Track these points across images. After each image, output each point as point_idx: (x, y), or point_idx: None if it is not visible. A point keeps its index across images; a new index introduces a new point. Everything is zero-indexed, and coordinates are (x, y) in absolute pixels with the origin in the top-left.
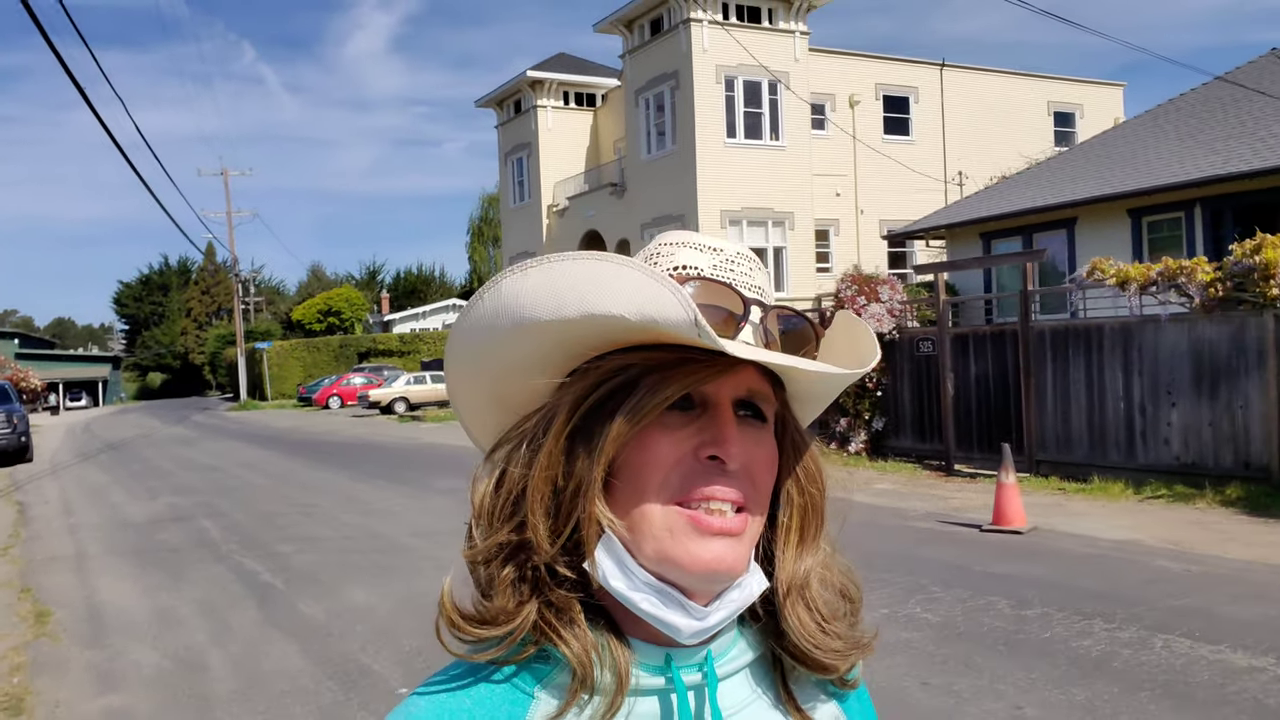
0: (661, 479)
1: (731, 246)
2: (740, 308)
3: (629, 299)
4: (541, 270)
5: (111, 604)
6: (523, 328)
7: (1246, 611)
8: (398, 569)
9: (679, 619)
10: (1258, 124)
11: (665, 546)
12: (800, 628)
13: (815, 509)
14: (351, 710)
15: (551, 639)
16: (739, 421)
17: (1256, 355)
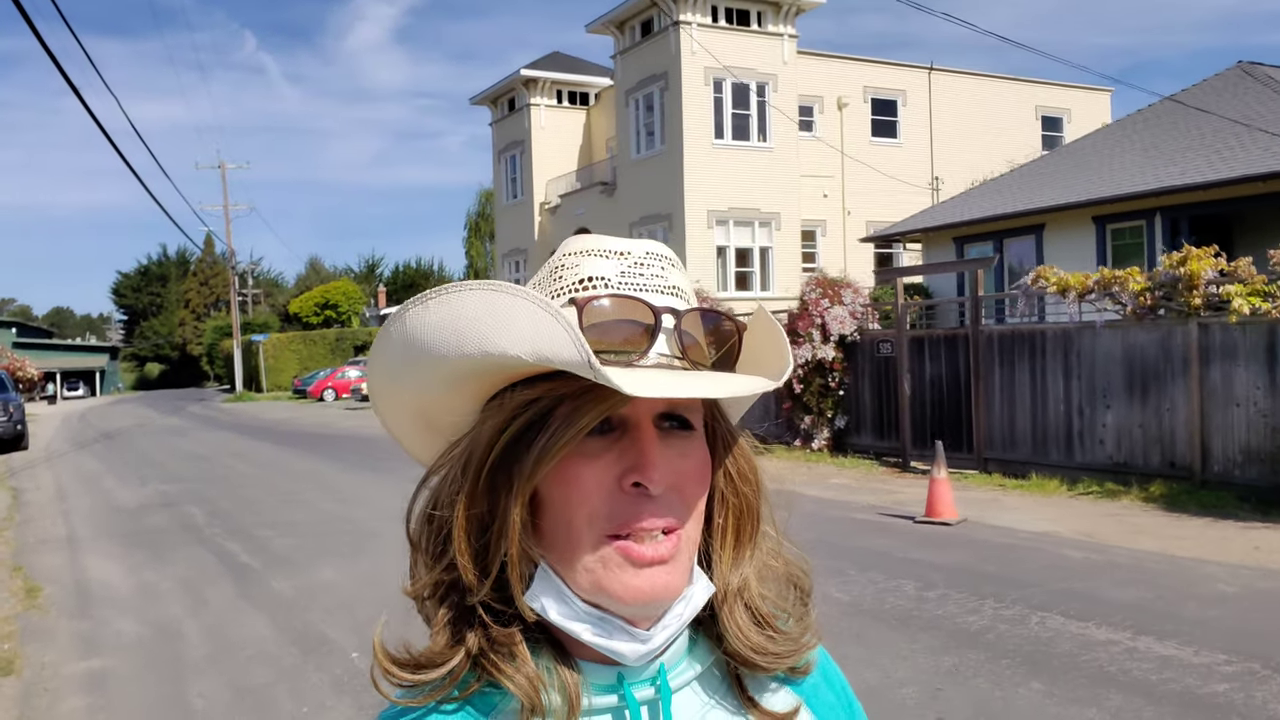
0: (588, 512)
1: (640, 246)
2: (651, 318)
3: (523, 338)
4: (441, 303)
5: (98, 581)
6: (430, 360)
7: (1124, 594)
8: (365, 550)
9: (623, 645)
10: (1216, 137)
11: (599, 579)
12: (739, 633)
13: (750, 509)
14: (308, 671)
15: (493, 673)
16: (663, 436)
17: (1182, 361)
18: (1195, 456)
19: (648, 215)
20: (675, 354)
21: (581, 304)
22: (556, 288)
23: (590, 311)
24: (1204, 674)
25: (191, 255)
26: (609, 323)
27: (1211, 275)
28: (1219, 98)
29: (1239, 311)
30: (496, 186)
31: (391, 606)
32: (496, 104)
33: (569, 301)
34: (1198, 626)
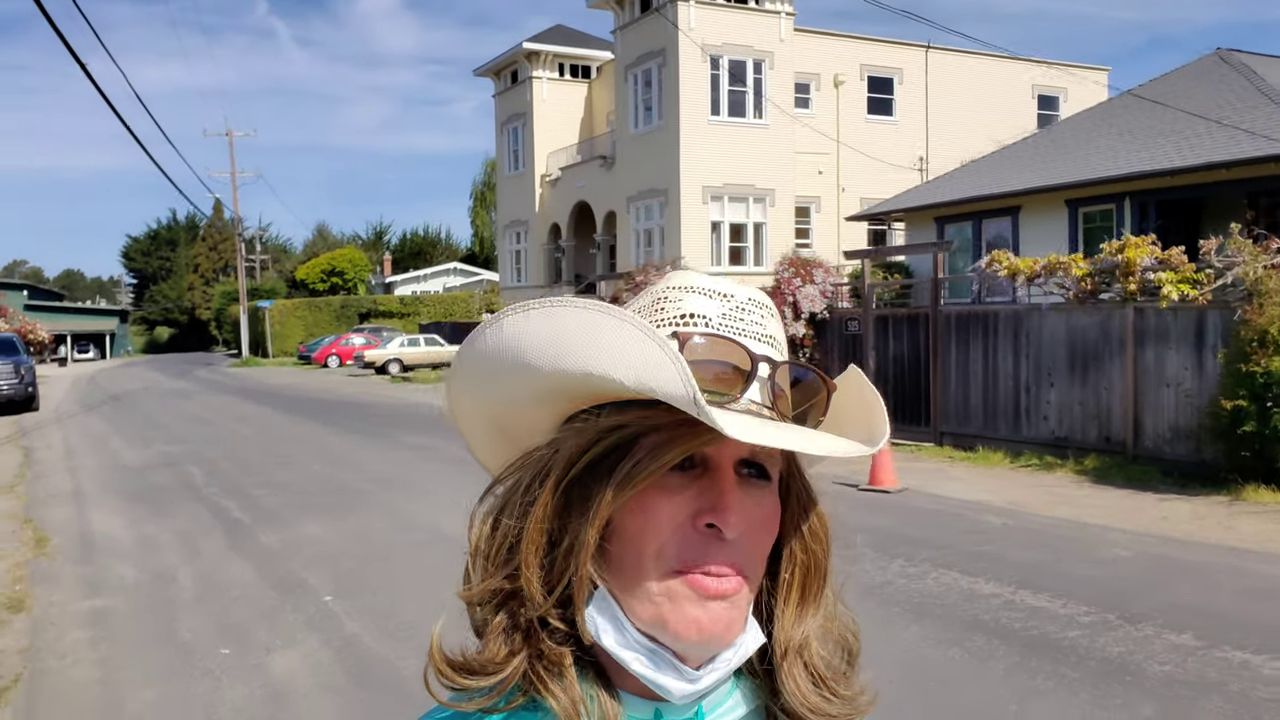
0: (658, 547)
1: (743, 292)
2: (749, 364)
3: (628, 365)
4: (544, 315)
5: (101, 533)
6: (521, 371)
7: (1025, 556)
8: (350, 509)
9: (671, 681)
10: (1186, 125)
11: (663, 612)
12: (796, 691)
13: (818, 567)
14: (285, 611)
15: (540, 690)
16: (740, 482)
17: (1119, 343)
18: (1129, 433)
19: (645, 190)
20: (765, 403)
21: (684, 339)
22: (658, 319)
23: (691, 348)
24: (1063, 622)
25: (201, 220)
26: (706, 362)
27: (1148, 263)
28: (1195, 85)
29: (1169, 298)
30: (499, 158)
31: (448, 606)
32: (499, 76)
33: (671, 334)
34: (1077, 584)
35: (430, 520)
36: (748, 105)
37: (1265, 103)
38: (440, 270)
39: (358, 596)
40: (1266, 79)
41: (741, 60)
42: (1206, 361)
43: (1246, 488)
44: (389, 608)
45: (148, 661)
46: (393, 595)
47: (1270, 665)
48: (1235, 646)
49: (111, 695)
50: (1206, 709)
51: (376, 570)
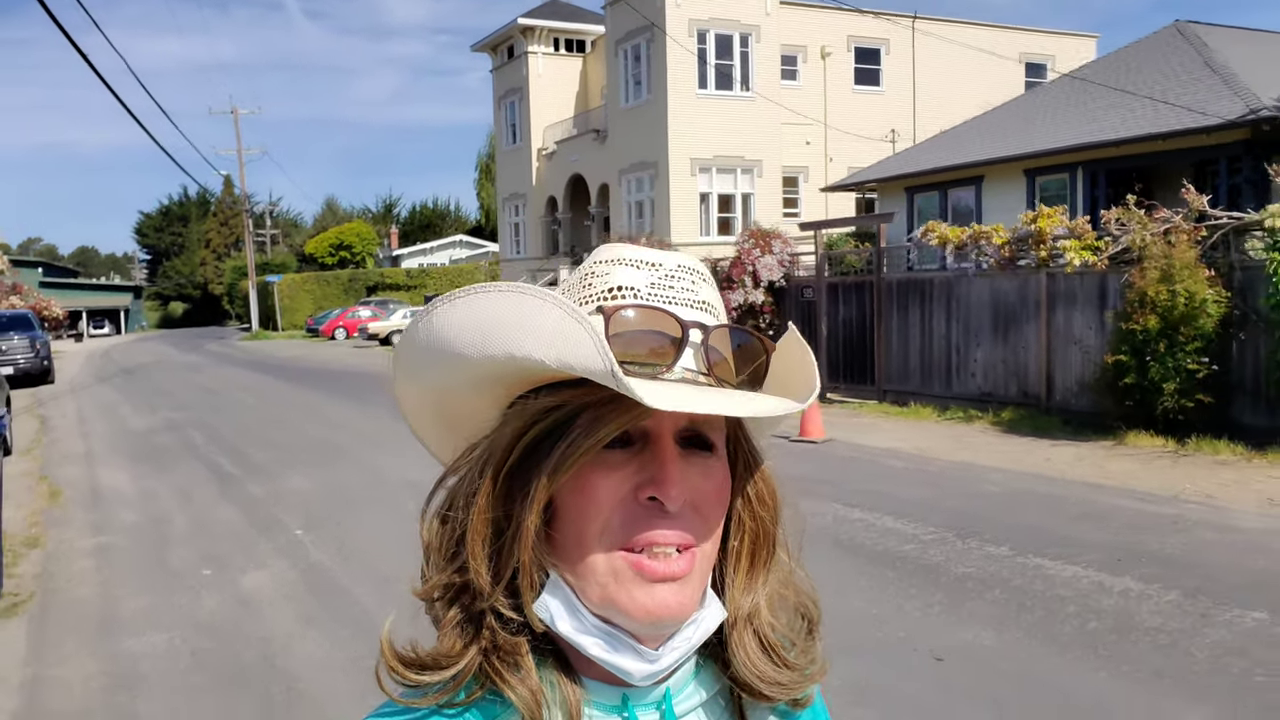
0: (602, 523)
1: (672, 259)
2: (678, 331)
3: (548, 342)
4: (468, 303)
5: (108, 486)
6: (453, 361)
7: (909, 492)
8: (332, 464)
9: (630, 663)
10: (1135, 97)
11: (610, 593)
12: (746, 660)
13: (766, 534)
14: (260, 543)
15: (496, 681)
16: (683, 454)
17: (1035, 306)
18: (1042, 387)
19: (635, 163)
20: (701, 370)
21: (609, 312)
22: (585, 295)
23: (617, 321)
24: (906, 539)
25: (212, 196)
26: (635, 333)
27: (1059, 231)
28: (1149, 58)
29: (1072, 264)
30: (497, 132)
31: (400, 604)
32: (496, 51)
33: (596, 309)
34: (937, 512)
35: (400, 472)
36: (735, 78)
37: (1209, 74)
38: (447, 243)
39: (324, 530)
40: (1217, 52)
41: (728, 34)
42: (1105, 321)
43: (1129, 434)
44: (349, 539)
45: (141, 581)
46: (355, 530)
47: (1062, 568)
48: (1039, 555)
49: (109, 605)
50: (985, 598)
51: (344, 511)
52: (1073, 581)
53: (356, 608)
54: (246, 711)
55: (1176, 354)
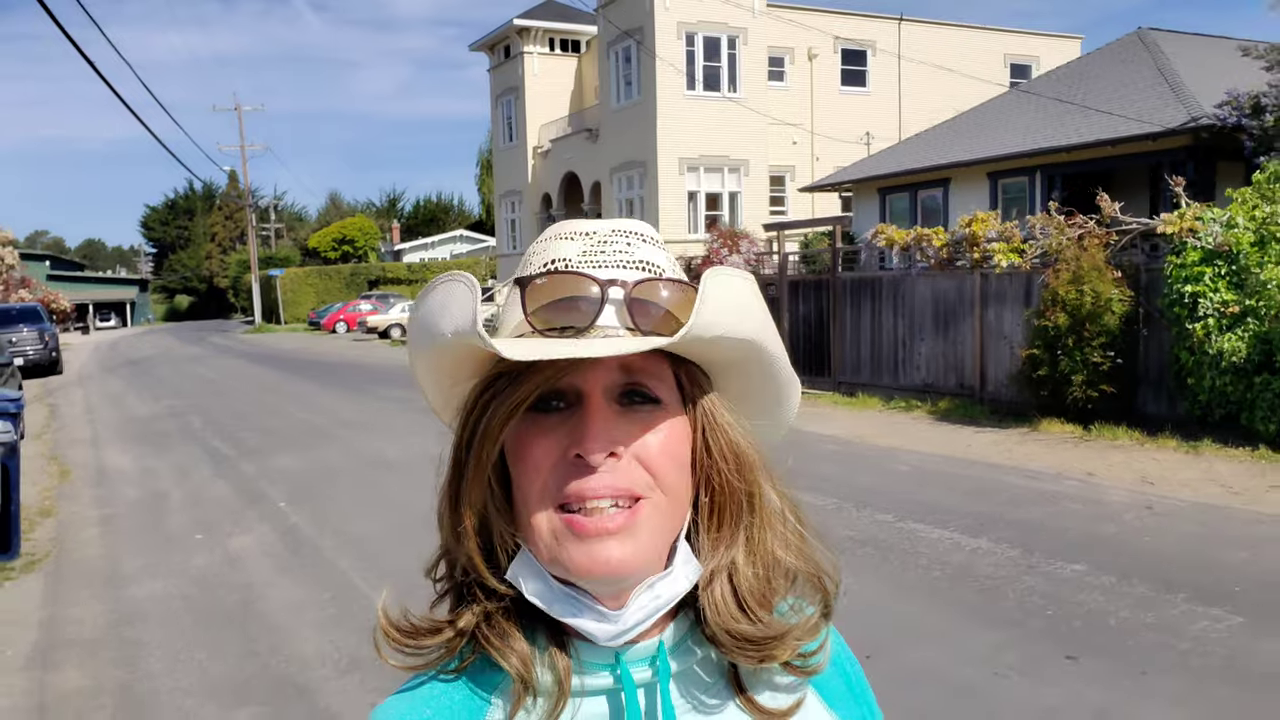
0: (541, 485)
1: (607, 225)
2: (594, 290)
3: (452, 318)
4: (421, 297)
5: (112, 466)
6: (425, 347)
7: (827, 469)
8: (318, 447)
9: (590, 624)
10: (1090, 103)
11: (555, 553)
12: (715, 613)
13: (731, 489)
14: (247, 512)
15: (486, 647)
16: (623, 410)
17: (970, 303)
18: (976, 379)
19: (626, 162)
20: (626, 325)
21: (525, 284)
22: (525, 273)
23: (534, 290)
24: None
25: (217, 189)
26: (558, 300)
27: (991, 235)
28: (1111, 64)
29: (1000, 265)
30: (494, 130)
31: (393, 576)
32: (493, 50)
33: (514, 282)
34: (845, 486)
35: (377, 452)
36: (722, 79)
37: (1160, 82)
38: (447, 238)
39: (304, 501)
40: (1172, 58)
41: (716, 37)
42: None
43: (1043, 421)
44: (325, 508)
45: (140, 544)
46: (331, 501)
47: (931, 531)
48: (918, 521)
49: (114, 562)
50: (856, 554)
51: (323, 486)
52: (936, 542)
53: (325, 561)
54: (228, 640)
55: (1084, 348)
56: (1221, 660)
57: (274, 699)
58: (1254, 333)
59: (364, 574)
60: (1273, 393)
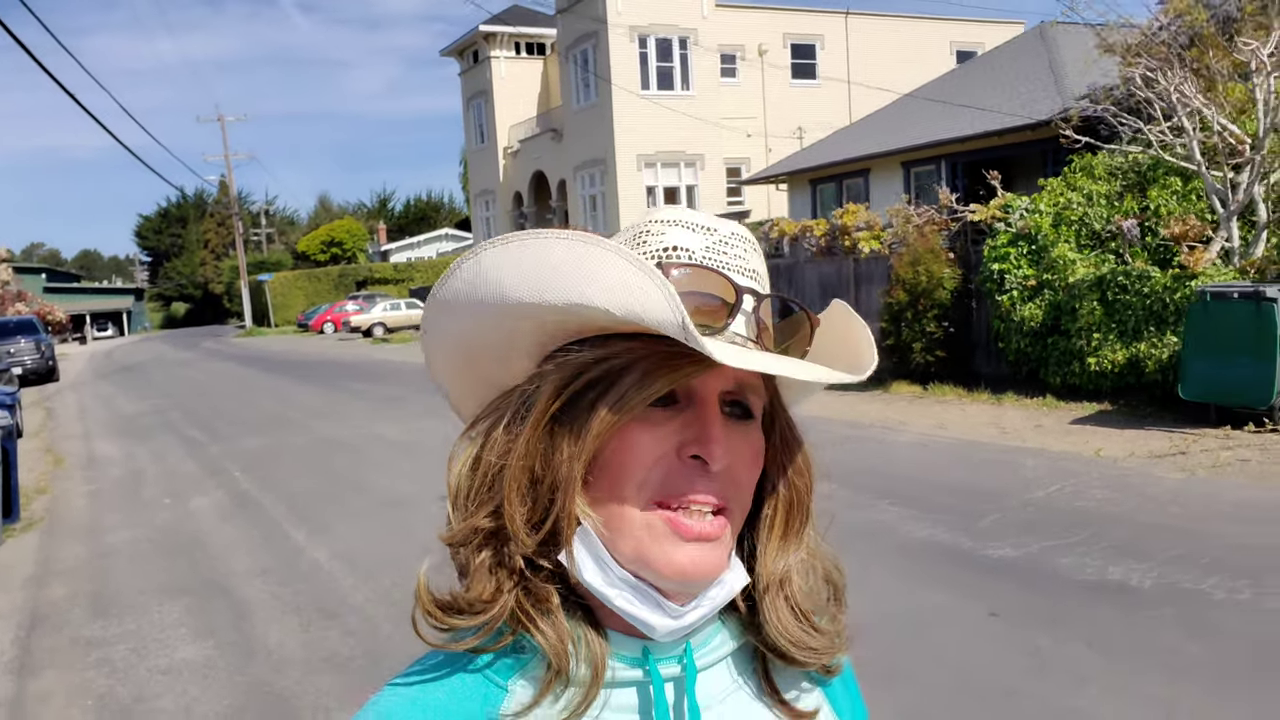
0: (641, 477)
1: (725, 226)
2: (733, 296)
3: (614, 292)
4: (523, 247)
5: (100, 454)
6: (501, 306)
7: None
8: (279, 431)
9: (655, 618)
10: (982, 98)
11: (643, 548)
12: (779, 624)
13: (800, 503)
14: (209, 484)
15: (528, 628)
16: (725, 417)
17: (847, 285)
18: None
19: (587, 160)
20: (750, 336)
21: (667, 269)
22: (641, 251)
23: (674, 279)
24: None
25: (209, 196)
26: (690, 294)
27: (860, 225)
28: (1014, 58)
29: (864, 252)
30: (466, 132)
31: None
32: (463, 55)
33: (656, 264)
34: None
35: (330, 434)
36: (675, 78)
37: (1048, 75)
38: (433, 236)
39: (255, 471)
40: (1063, 50)
41: (668, 38)
42: None
43: (894, 383)
44: (272, 476)
45: (118, 508)
46: (279, 471)
47: None
48: None
49: (95, 522)
50: None
51: (276, 461)
52: None
53: (262, 512)
54: (177, 563)
55: (921, 320)
56: (889, 539)
57: (204, 593)
58: (1049, 301)
59: (289, 518)
60: (1059, 351)
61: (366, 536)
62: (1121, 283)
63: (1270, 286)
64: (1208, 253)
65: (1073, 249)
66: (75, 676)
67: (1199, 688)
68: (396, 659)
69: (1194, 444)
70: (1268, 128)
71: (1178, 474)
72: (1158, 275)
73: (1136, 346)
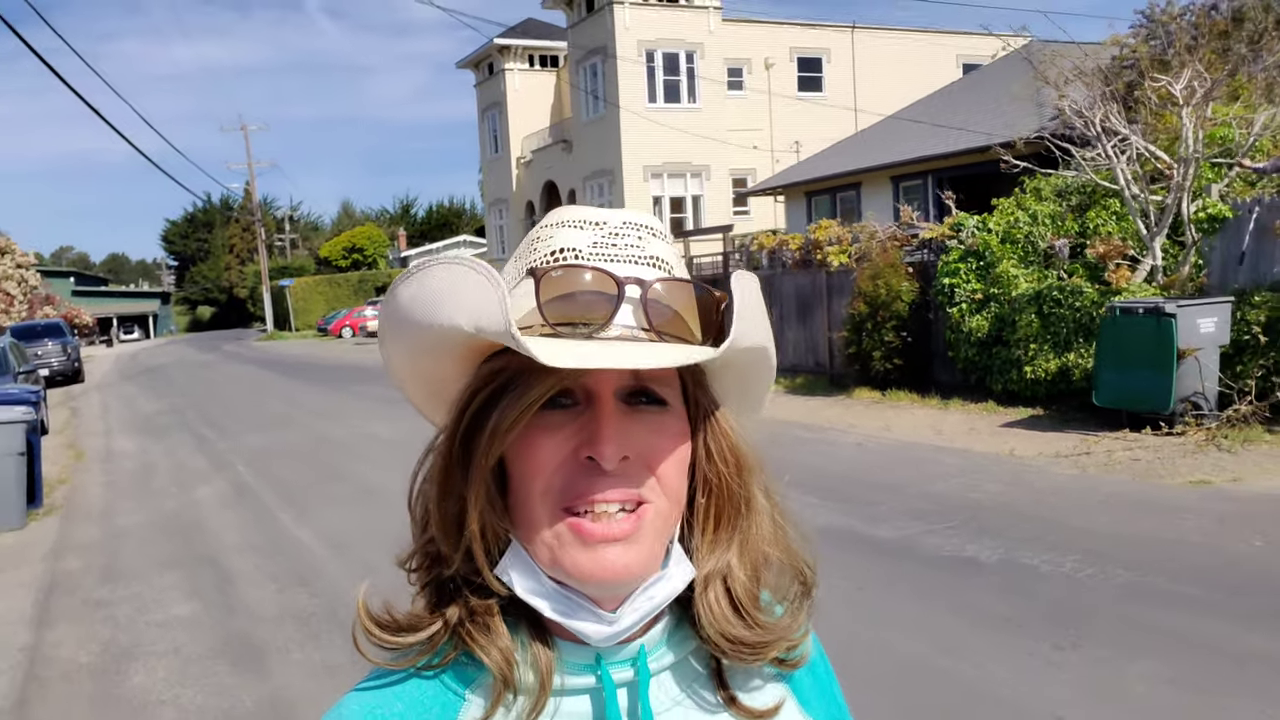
0: (544, 485)
1: (617, 217)
2: (614, 288)
3: (467, 309)
4: (418, 277)
5: (118, 449)
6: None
7: None
8: (282, 428)
9: (586, 625)
10: (970, 116)
11: (556, 555)
12: (711, 619)
13: (730, 492)
14: (214, 475)
15: (468, 643)
16: (631, 411)
17: (820, 296)
18: (827, 358)
19: (596, 170)
20: (642, 325)
21: (539, 275)
22: (530, 260)
23: (549, 282)
24: None
25: (235, 201)
26: (573, 294)
27: (831, 239)
28: (1000, 76)
29: (834, 265)
30: (481, 142)
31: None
32: (478, 68)
33: (528, 272)
34: None
35: (325, 432)
36: (682, 91)
37: (1031, 95)
38: (451, 243)
39: (256, 465)
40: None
41: (674, 53)
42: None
43: (857, 390)
44: (271, 469)
45: (131, 496)
46: (277, 464)
47: None
48: None
49: (109, 508)
50: None
51: (276, 456)
52: None
53: (257, 499)
54: (176, 542)
55: (880, 330)
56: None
57: (198, 565)
58: (994, 314)
59: (280, 504)
60: (1001, 360)
61: (344, 519)
62: (1056, 297)
63: (1170, 303)
64: (1138, 271)
65: (1018, 265)
66: (84, 629)
67: (995, 634)
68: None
69: (1098, 445)
70: (1191, 154)
71: (1071, 470)
72: (1089, 291)
73: (1067, 356)
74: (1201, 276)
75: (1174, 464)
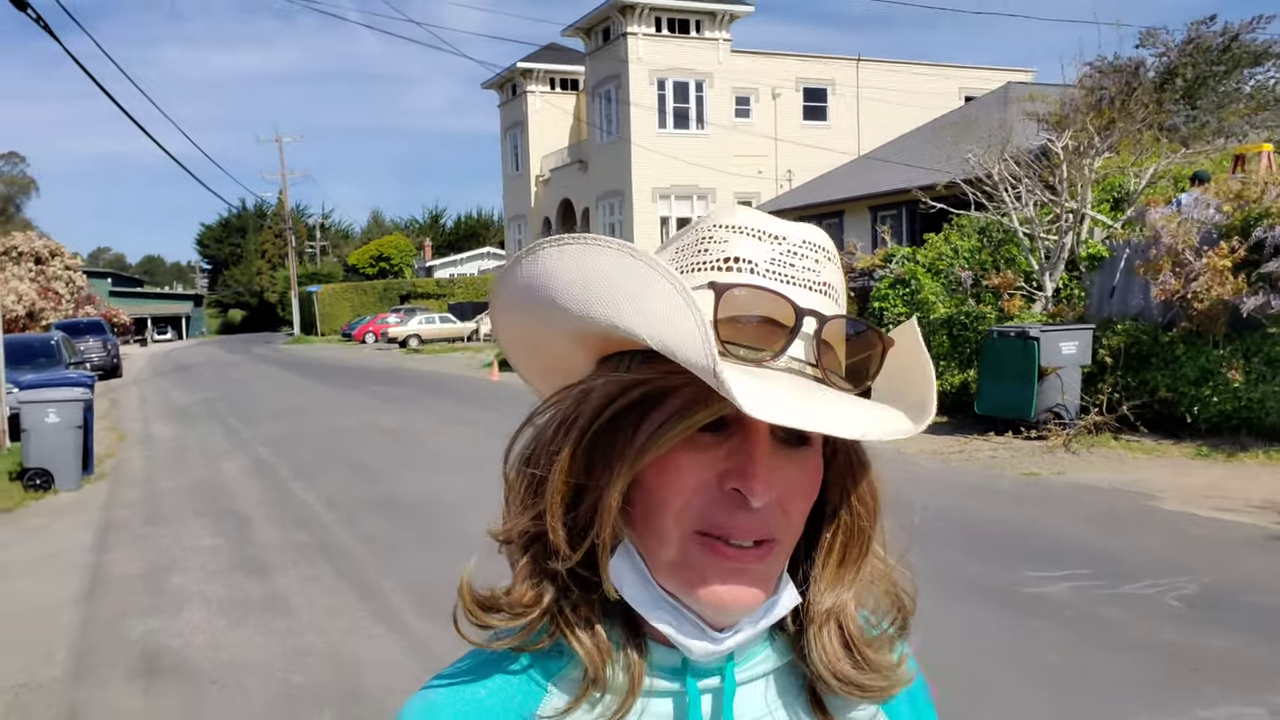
0: (682, 504)
1: (797, 233)
2: (792, 319)
3: (652, 322)
4: (576, 252)
5: (155, 434)
6: (551, 310)
7: None
8: (298, 418)
9: (694, 642)
10: (952, 151)
11: (681, 575)
12: (824, 657)
13: (861, 532)
14: (236, 453)
15: (565, 634)
16: (775, 447)
17: None
18: None
19: (608, 191)
20: (809, 360)
21: (720, 289)
22: (699, 260)
23: (728, 301)
24: None
25: (269, 207)
26: (747, 316)
27: None
28: (985, 112)
29: None
30: (503, 159)
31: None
32: (502, 89)
33: (708, 284)
34: None
35: (335, 422)
36: (691, 118)
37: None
38: (476, 254)
39: (274, 448)
40: (1020, 108)
41: (684, 81)
42: None
43: None
44: (286, 449)
45: (168, 470)
46: (292, 446)
47: None
48: None
49: (150, 476)
50: None
51: (292, 440)
52: None
53: (272, 471)
54: (204, 499)
55: None
56: None
57: (220, 515)
58: None
59: (291, 475)
60: None
61: (339, 485)
62: (963, 321)
63: (1035, 328)
64: (1037, 301)
65: (940, 293)
66: (134, 553)
67: None
68: (338, 544)
69: (969, 445)
70: (1075, 204)
71: (937, 464)
72: (990, 316)
73: (968, 372)
74: (1081, 306)
75: (1021, 461)
